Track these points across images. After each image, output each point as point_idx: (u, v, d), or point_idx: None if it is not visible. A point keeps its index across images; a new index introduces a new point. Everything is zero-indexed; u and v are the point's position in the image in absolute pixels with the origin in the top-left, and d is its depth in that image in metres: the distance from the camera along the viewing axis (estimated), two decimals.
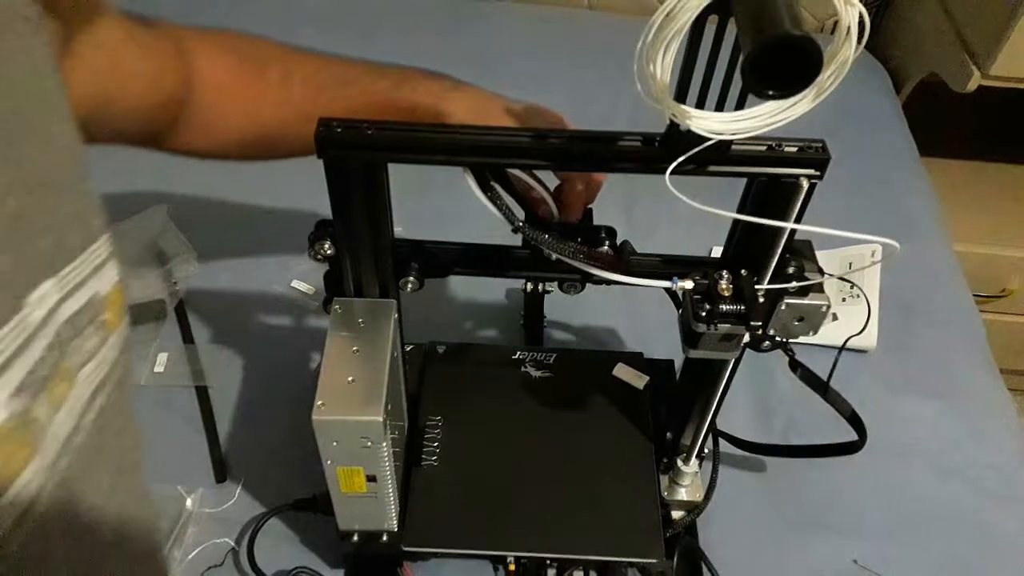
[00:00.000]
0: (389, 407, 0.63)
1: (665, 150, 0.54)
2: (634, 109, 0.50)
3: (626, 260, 0.65)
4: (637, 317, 0.99)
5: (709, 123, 0.48)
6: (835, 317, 0.90)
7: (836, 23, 0.43)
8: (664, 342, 0.84)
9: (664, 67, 0.46)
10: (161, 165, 1.14)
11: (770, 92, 0.40)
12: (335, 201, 0.60)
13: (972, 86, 1.23)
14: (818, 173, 0.55)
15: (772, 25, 0.39)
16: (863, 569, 0.80)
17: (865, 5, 0.42)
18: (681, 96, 0.50)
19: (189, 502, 0.80)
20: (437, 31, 1.42)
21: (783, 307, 0.62)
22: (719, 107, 0.50)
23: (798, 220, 0.57)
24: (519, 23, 1.46)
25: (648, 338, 0.95)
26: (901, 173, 1.26)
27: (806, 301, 0.62)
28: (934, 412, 0.94)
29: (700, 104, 0.51)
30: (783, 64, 0.39)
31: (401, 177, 0.62)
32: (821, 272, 0.62)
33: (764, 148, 0.55)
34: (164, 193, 1.09)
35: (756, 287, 0.61)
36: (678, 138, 0.52)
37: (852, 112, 1.30)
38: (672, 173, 0.52)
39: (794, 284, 0.61)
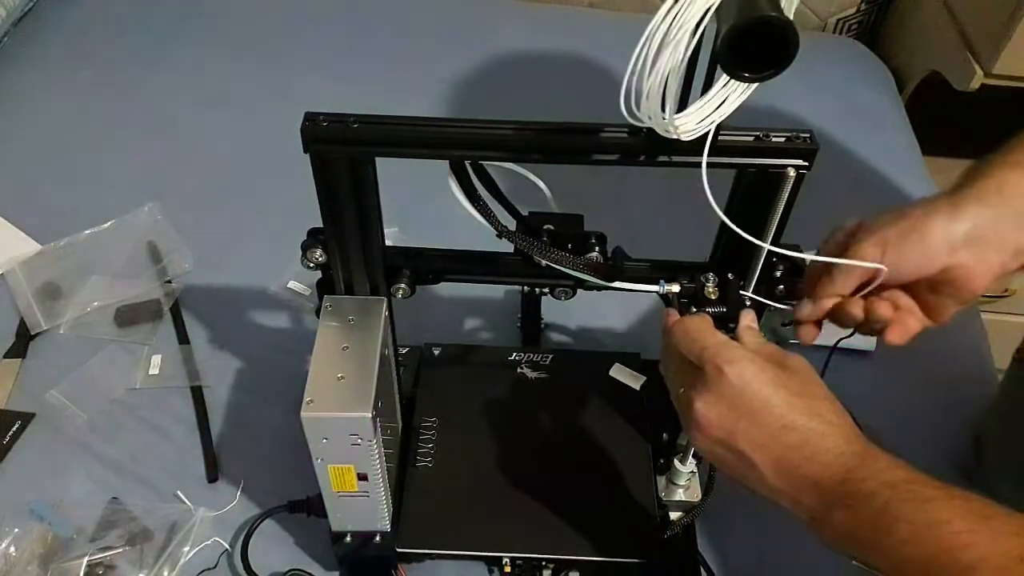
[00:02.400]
0: (379, 404, 0.63)
1: (651, 141, 0.54)
2: None
3: (616, 266, 0.64)
4: (634, 317, 0.98)
5: (687, 123, 0.48)
6: None
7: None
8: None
9: (655, 85, 0.46)
10: (155, 164, 1.16)
11: (746, 74, 0.39)
12: (323, 197, 0.60)
13: (975, 85, 1.22)
14: (806, 163, 0.54)
15: (750, 7, 0.38)
16: (863, 568, 0.79)
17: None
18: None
19: (195, 513, 0.80)
20: (438, 32, 1.42)
21: (770, 310, 0.62)
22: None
23: (787, 211, 0.56)
24: (520, 22, 1.46)
25: (645, 338, 0.94)
26: (903, 172, 1.25)
27: (793, 304, 0.62)
28: (935, 414, 0.93)
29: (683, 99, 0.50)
30: (758, 47, 0.38)
31: (402, 180, 0.61)
32: None
33: (751, 139, 0.55)
34: (159, 192, 1.10)
35: (741, 291, 0.60)
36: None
37: (855, 110, 1.30)
38: (658, 166, 0.52)
39: (780, 288, 0.60)
